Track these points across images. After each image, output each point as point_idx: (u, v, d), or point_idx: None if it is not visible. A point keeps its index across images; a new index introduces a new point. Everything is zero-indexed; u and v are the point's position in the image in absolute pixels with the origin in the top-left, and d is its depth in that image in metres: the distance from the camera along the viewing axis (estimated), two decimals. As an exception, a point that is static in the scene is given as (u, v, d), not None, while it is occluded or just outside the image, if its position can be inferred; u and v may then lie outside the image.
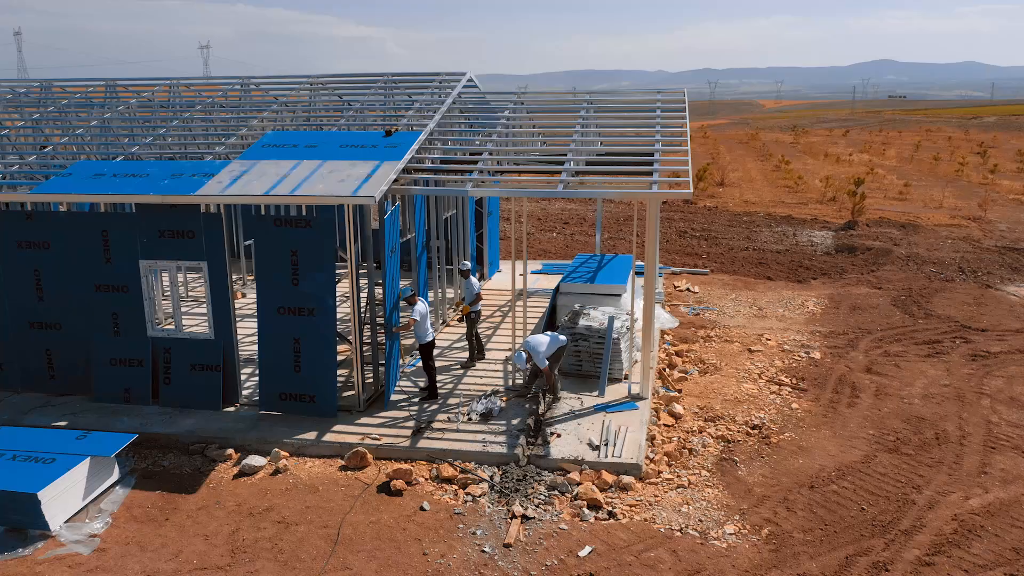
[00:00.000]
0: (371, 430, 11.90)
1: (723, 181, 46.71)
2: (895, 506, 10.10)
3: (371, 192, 11.43)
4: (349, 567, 8.92)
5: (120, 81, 17.62)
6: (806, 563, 8.88)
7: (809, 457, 11.48)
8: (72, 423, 12.28)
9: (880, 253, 24.96)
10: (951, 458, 11.46)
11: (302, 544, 9.36)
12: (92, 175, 12.80)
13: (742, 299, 20.05)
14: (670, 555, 9.04)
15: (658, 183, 12.16)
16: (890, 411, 13.12)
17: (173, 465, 11.37)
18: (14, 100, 17.20)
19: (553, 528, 9.60)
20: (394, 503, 10.22)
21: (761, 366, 15.20)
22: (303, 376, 12.35)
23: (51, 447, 10.44)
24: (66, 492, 9.88)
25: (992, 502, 10.21)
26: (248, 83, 17.26)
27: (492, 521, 9.78)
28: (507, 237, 29.13)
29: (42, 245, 12.91)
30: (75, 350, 13.18)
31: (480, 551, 9.15)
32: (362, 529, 9.63)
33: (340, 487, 10.63)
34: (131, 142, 14.52)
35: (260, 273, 12.35)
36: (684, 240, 27.94)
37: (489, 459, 11.13)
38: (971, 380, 14.46)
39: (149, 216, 12.43)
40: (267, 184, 11.95)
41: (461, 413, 12.38)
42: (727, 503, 10.21)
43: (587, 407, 12.69)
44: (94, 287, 12.84)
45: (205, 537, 9.56)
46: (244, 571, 8.89)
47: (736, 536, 9.45)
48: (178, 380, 12.82)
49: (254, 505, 10.23)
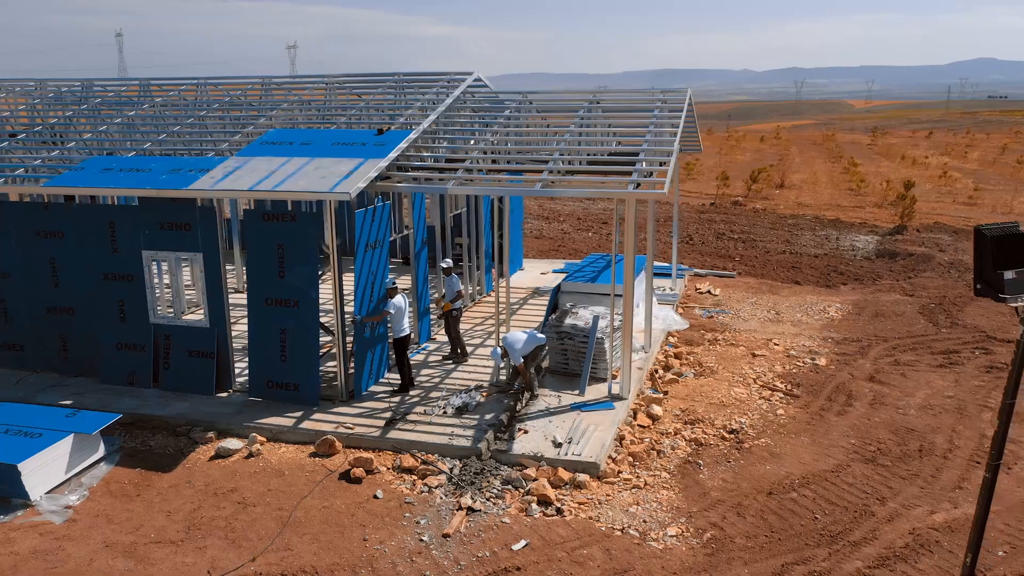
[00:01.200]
0: (347, 419, 12.25)
1: (783, 183, 45.65)
2: (852, 517, 9.84)
3: (347, 189, 11.78)
4: (291, 548, 9.27)
5: (153, 81, 18.54)
6: (738, 568, 8.78)
7: (778, 464, 11.27)
8: (77, 402, 13.05)
9: (921, 259, 24.03)
10: (929, 471, 11.07)
11: (254, 524, 9.77)
12: (101, 169, 13.57)
13: (762, 303, 19.66)
14: (603, 553, 9.06)
15: (634, 183, 12.12)
16: (880, 421, 12.73)
17: (159, 445, 11.98)
18: (57, 98, 18.30)
19: (496, 521, 9.74)
20: (351, 490, 10.54)
21: (759, 371, 14.93)
22: (288, 365, 12.81)
23: (41, 423, 11.16)
24: (48, 465, 10.56)
25: (958, 518, 9.84)
26: (269, 83, 17.91)
27: (439, 512, 9.98)
28: (544, 236, 29.29)
29: (57, 235, 13.76)
30: (87, 334, 13.98)
31: (419, 540, 9.37)
32: (313, 513, 9.98)
33: (305, 472, 11.02)
34: (143, 138, 15.29)
35: (250, 265, 12.87)
36: (720, 242, 27.49)
37: (453, 452, 11.33)
38: (979, 392, 13.88)
39: (150, 209, 13.11)
40: (254, 179, 12.45)
41: (438, 406, 12.62)
42: (678, 506, 10.15)
43: (564, 405, 12.75)
44: (103, 275, 13.60)
45: (168, 513, 10.08)
46: (193, 546, 9.35)
47: (677, 538, 9.40)
48: (176, 365, 13.47)
49: (221, 486, 10.71)
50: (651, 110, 15.26)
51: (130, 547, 9.37)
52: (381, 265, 13.33)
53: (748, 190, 40.65)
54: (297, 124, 15.71)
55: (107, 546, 9.40)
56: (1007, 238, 5.28)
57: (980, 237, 5.31)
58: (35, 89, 18.99)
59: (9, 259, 14.14)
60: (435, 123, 15.02)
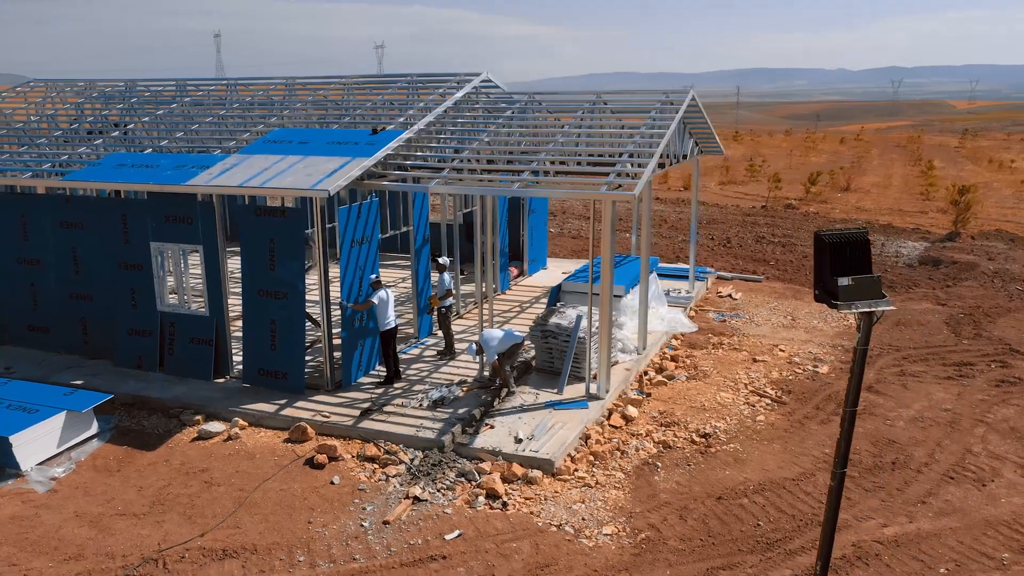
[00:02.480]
0: (327, 408, 12.72)
1: (848, 186, 44.23)
2: (796, 526, 9.69)
3: (327, 186, 12.25)
4: (240, 526, 9.76)
5: (190, 81, 19.52)
6: (661, 570, 8.79)
7: (739, 469, 11.15)
8: (88, 383, 13.95)
9: (965, 267, 23.01)
10: (896, 484, 10.76)
11: (213, 503, 10.32)
12: (116, 165, 14.46)
13: (780, 308, 19.26)
14: (531, 548, 9.21)
15: (608, 185, 12.17)
16: (864, 432, 12.40)
17: (151, 425, 12.71)
18: (101, 97, 19.48)
19: (438, 511, 10.00)
20: (312, 475, 10.98)
21: (754, 376, 14.70)
22: (277, 354, 13.38)
23: (41, 400, 12.02)
24: (40, 439, 11.38)
25: (909, 532, 9.56)
26: (293, 83, 18.62)
27: (388, 500, 10.31)
28: (580, 236, 29.31)
29: (78, 225, 14.72)
30: (104, 319, 14.91)
31: (360, 525, 9.72)
32: (270, 495, 10.46)
33: (275, 456, 11.53)
34: (160, 136, 16.17)
35: (244, 258, 13.49)
36: (759, 245, 26.95)
37: (417, 443, 11.64)
38: (980, 406, 13.33)
39: (157, 203, 13.90)
40: (246, 176, 13.06)
41: (417, 399, 12.95)
42: (623, 505, 10.19)
43: (539, 403, 12.90)
44: (117, 264, 14.48)
45: (139, 489, 10.74)
46: (153, 520, 9.96)
47: (610, 537, 9.46)
48: (180, 351, 14.23)
49: (194, 465, 11.33)
50: (648, 111, 15.21)
51: (97, 518, 10.04)
52: (369, 260, 13.75)
53: (806, 193, 39.59)
54: (310, 123, 16.30)
55: (77, 515, 10.11)
56: (846, 244, 5.23)
57: (819, 242, 5.27)
58: (84, 89, 20.24)
59: (38, 248, 15.19)
60: (435, 122, 15.37)
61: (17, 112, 19.29)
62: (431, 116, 14.95)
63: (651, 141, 13.57)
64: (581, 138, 15.06)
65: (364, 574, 8.80)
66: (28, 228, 15.17)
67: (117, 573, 8.89)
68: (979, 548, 9.25)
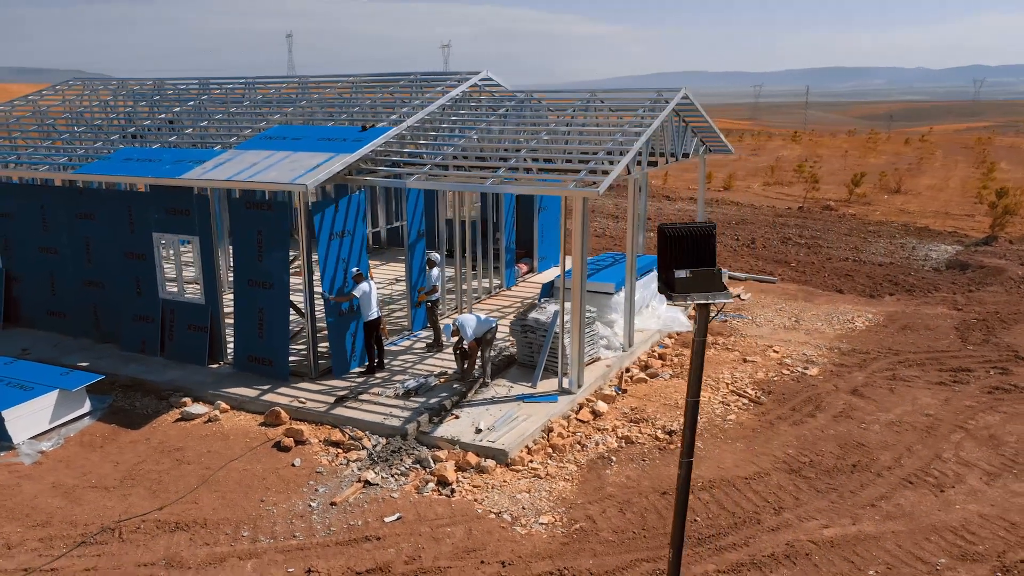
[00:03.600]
0: (306, 394, 13.20)
1: (899, 188, 42.98)
2: (734, 523, 9.70)
3: (305, 181, 12.72)
4: (197, 502, 10.28)
5: (213, 80, 20.33)
6: (584, 559, 8.94)
7: (694, 466, 11.14)
8: (93, 365, 14.74)
9: (991, 272, 22.26)
10: (851, 487, 10.63)
11: (179, 480, 10.87)
12: (124, 159, 15.25)
13: (787, 310, 19.01)
14: (463, 533, 9.46)
15: (578, 182, 12.31)
16: (834, 434, 12.26)
17: (142, 406, 13.39)
18: (130, 95, 20.46)
19: (385, 495, 10.34)
20: (277, 457, 11.45)
21: (739, 376, 14.62)
22: (265, 342, 13.93)
23: (38, 379, 12.81)
24: (32, 415, 12.14)
25: (849, 534, 9.48)
26: (306, 81, 19.24)
27: (342, 483, 10.70)
28: (604, 235, 29.32)
29: (90, 216, 15.56)
30: (113, 305, 15.72)
31: (308, 505, 10.13)
32: (233, 475, 10.97)
33: (247, 438, 12.04)
34: (170, 132, 16.93)
35: (236, 248, 14.08)
36: (783, 247, 26.53)
37: (383, 430, 12.00)
38: (964, 412, 13.00)
39: (158, 196, 14.62)
40: (236, 170, 13.63)
41: (394, 388, 13.31)
42: (567, 497, 10.35)
43: (511, 395, 13.13)
44: (124, 254, 15.26)
45: (115, 464, 11.38)
46: (120, 493, 10.56)
47: (545, 526, 9.64)
48: (178, 337, 14.92)
49: (171, 444, 11.93)
50: (636, 109, 15.25)
51: (71, 489, 10.70)
52: (353, 253, 14.16)
53: (850, 194, 38.69)
54: (315, 119, 16.83)
55: (54, 486, 10.79)
56: (686, 238, 5.34)
57: (660, 235, 5.40)
58: (117, 88, 21.27)
59: (56, 237, 16.11)
60: (429, 119, 15.72)
61: (52, 108, 20.40)
62: (422, 113, 15.31)
63: (630, 139, 13.63)
64: (571, 136, 15.19)
65: (300, 550, 9.20)
66: (47, 219, 16.10)
67: (76, 539, 9.48)
68: (916, 553, 9.11)
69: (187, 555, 9.13)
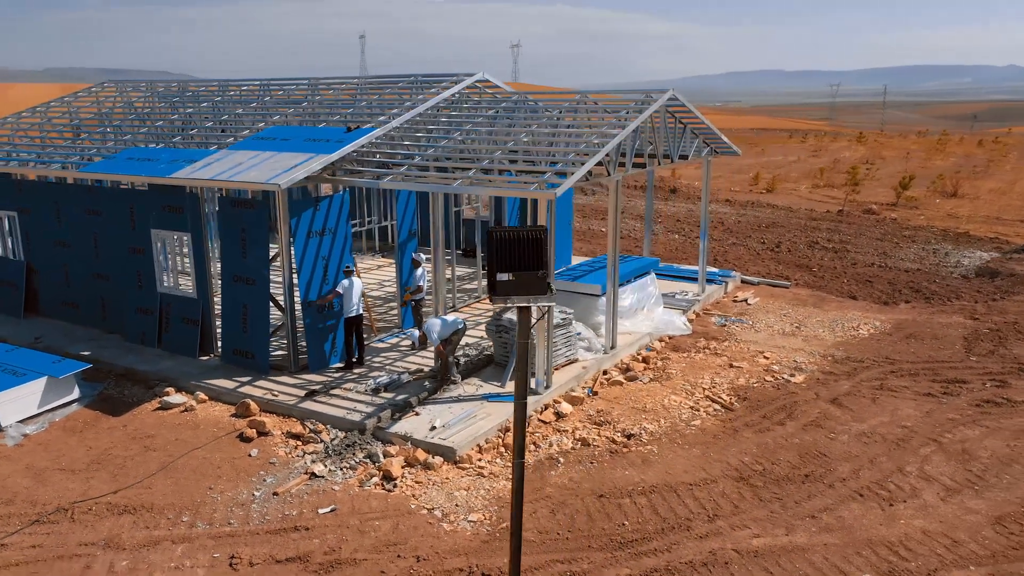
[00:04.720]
0: (280, 388, 13.59)
1: (955, 192, 41.34)
2: (661, 528, 9.62)
3: (279, 180, 13.10)
4: (151, 488, 10.74)
5: (232, 82, 21.04)
6: (499, 558, 9.00)
7: (641, 471, 11.09)
8: (94, 354, 15.48)
9: (1021, 281, 21.27)
10: (797, 497, 10.41)
11: (141, 465, 11.37)
12: (127, 159, 15.96)
13: (791, 315, 18.59)
14: (390, 527, 9.65)
15: (539, 184, 12.36)
16: (797, 443, 12.00)
17: (129, 395, 14.00)
18: (156, 96, 21.34)
19: (328, 487, 10.61)
20: (237, 447, 11.86)
21: (718, 382, 14.41)
22: (248, 336, 14.40)
23: (31, 365, 13.54)
24: (21, 400, 12.84)
25: (777, 545, 9.30)
26: (316, 82, 19.73)
27: (290, 474, 11.02)
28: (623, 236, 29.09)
29: (98, 212, 16.34)
30: (119, 298, 16.47)
31: (251, 494, 10.47)
32: (192, 462, 11.41)
33: (215, 428, 12.49)
34: (173, 132, 17.59)
35: (223, 246, 14.59)
36: (810, 251, 25.87)
37: (344, 425, 12.29)
38: (943, 425, 12.55)
39: (156, 193, 15.25)
40: (221, 170, 14.13)
41: (365, 384, 13.60)
42: (504, 496, 10.42)
43: (477, 394, 13.25)
44: (127, 249, 15.97)
45: (88, 448, 11.96)
46: (84, 476, 11.11)
47: (472, 524, 9.75)
48: (173, 329, 15.54)
49: (143, 432, 12.46)
50: (620, 111, 15.17)
51: (41, 471, 11.31)
52: (334, 251, 14.49)
53: (897, 197, 37.42)
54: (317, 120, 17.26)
55: (27, 468, 11.42)
56: (514, 241, 5.40)
57: (488, 238, 5.47)
58: (146, 90, 22.20)
59: (69, 232, 16.96)
60: (419, 120, 15.96)
61: (84, 109, 21.43)
62: (410, 114, 15.55)
63: (604, 140, 13.58)
64: (557, 137, 15.20)
65: (230, 537, 9.53)
66: (61, 214, 16.96)
67: (31, 517, 10.04)
68: (842, 566, 8.89)
69: (126, 537, 9.57)
